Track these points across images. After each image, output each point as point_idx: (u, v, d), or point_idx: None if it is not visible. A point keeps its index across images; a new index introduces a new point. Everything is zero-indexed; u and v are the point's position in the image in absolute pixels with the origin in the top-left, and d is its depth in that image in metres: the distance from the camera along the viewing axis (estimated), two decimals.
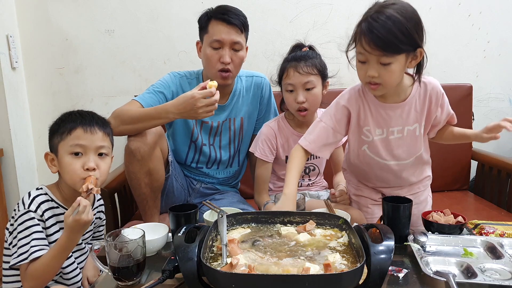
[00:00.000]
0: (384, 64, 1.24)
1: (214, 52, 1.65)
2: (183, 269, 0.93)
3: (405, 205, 1.23)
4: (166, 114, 1.54)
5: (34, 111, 2.35)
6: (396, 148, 1.44)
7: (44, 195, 1.23)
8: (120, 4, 2.27)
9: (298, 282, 0.85)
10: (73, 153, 1.20)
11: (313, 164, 1.78)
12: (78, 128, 1.21)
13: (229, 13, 1.64)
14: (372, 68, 1.27)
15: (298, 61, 1.60)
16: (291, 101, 1.62)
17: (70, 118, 1.23)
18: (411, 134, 1.43)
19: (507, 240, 1.21)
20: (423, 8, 2.17)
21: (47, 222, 1.20)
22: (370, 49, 1.23)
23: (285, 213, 1.20)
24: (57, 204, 1.24)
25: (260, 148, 1.70)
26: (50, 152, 1.25)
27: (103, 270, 1.14)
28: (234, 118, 1.82)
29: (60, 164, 1.22)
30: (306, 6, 2.27)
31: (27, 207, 1.17)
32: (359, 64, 1.32)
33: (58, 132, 1.22)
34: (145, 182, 1.61)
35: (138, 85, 2.34)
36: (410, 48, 1.24)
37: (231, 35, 1.64)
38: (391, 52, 1.22)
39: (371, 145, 1.45)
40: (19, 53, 2.25)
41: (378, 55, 1.23)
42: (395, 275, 1.06)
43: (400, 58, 1.24)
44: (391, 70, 1.25)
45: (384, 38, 1.20)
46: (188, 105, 1.49)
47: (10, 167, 2.17)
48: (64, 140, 1.20)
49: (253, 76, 1.86)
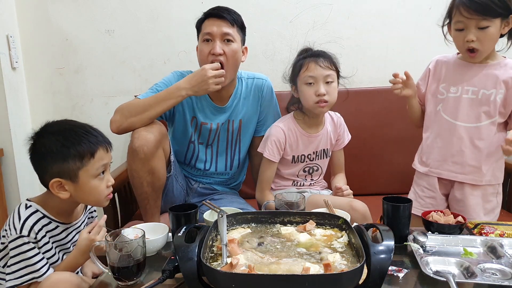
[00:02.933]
0: (482, 28, 1.40)
1: (205, 45, 1.67)
2: (183, 269, 0.93)
3: (405, 205, 1.23)
4: (179, 91, 1.59)
5: (34, 111, 2.35)
6: (466, 108, 1.53)
7: (35, 213, 1.16)
8: (120, 4, 2.27)
9: (298, 282, 0.85)
10: (99, 174, 1.16)
11: (317, 165, 1.79)
12: (100, 149, 1.16)
13: (220, 9, 1.69)
14: (471, 32, 1.42)
15: (317, 56, 1.62)
16: (310, 93, 1.61)
17: (78, 139, 1.14)
18: (486, 98, 1.51)
19: (507, 240, 1.21)
20: (423, 8, 2.17)
21: (40, 242, 1.16)
22: (469, 15, 1.39)
23: (285, 213, 1.20)
24: (50, 219, 1.19)
25: (269, 149, 1.70)
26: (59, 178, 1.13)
27: (103, 270, 1.14)
28: (233, 120, 1.82)
29: (81, 188, 1.15)
30: (306, 6, 2.26)
31: (19, 232, 1.12)
32: (456, 33, 1.47)
33: (70, 157, 1.12)
34: (147, 181, 1.61)
35: (138, 85, 2.34)
36: (505, 13, 1.40)
37: (221, 27, 1.66)
38: (490, 15, 1.39)
39: (445, 104, 1.57)
40: (19, 53, 2.25)
41: (477, 19, 1.39)
42: (395, 275, 1.06)
43: (497, 21, 1.40)
44: (489, 33, 1.41)
45: (482, 2, 1.37)
46: (199, 77, 1.57)
47: (10, 167, 2.17)
48: (87, 165, 1.13)
49: (254, 78, 1.85)
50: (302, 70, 1.63)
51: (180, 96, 1.60)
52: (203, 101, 1.78)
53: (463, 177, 1.57)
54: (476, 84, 1.52)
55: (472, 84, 1.52)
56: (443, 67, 1.61)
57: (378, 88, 2.26)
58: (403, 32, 2.27)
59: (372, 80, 2.32)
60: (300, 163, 1.75)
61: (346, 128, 1.83)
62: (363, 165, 2.16)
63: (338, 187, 1.65)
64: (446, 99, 1.58)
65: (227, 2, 2.24)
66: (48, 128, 1.18)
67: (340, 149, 1.83)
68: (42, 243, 1.17)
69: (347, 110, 1.70)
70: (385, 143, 2.16)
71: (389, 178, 2.17)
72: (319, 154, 1.76)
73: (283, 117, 1.78)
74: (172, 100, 1.60)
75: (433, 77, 1.63)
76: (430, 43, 1.50)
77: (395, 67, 2.30)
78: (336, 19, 2.27)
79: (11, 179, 2.18)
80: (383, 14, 2.26)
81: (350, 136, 1.85)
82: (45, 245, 1.18)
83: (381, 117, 2.17)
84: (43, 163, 1.14)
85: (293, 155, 1.73)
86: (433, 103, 1.62)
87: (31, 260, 1.13)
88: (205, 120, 1.79)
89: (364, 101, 2.18)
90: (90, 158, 1.14)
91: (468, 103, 1.53)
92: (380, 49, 2.30)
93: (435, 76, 1.62)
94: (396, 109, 1.84)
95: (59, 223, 1.22)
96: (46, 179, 1.16)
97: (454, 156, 1.57)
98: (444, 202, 1.66)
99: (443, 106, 1.58)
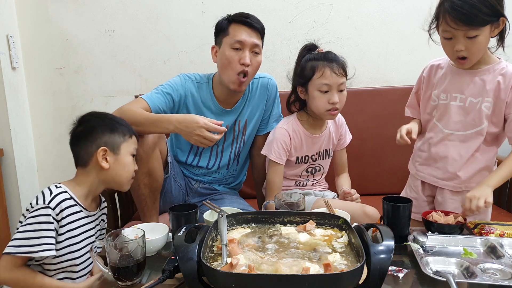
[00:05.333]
0: (471, 37, 1.34)
1: (235, 53, 1.64)
2: (183, 269, 0.93)
3: (405, 205, 1.23)
4: (167, 125, 1.53)
5: (34, 111, 2.35)
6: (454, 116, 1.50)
7: (64, 193, 1.25)
8: (120, 4, 2.27)
9: (298, 282, 0.85)
10: (132, 154, 1.35)
11: (319, 165, 1.79)
12: (134, 135, 1.38)
13: (250, 17, 1.67)
14: (459, 42, 1.36)
15: (331, 61, 1.58)
16: (324, 101, 1.59)
17: (122, 121, 1.37)
18: (472, 106, 1.47)
19: (507, 240, 1.21)
20: (423, 8, 2.17)
21: (62, 221, 1.22)
22: (456, 25, 1.32)
23: (285, 213, 1.20)
24: (75, 202, 1.27)
25: (275, 151, 1.68)
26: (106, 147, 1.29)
27: (103, 270, 1.14)
28: (239, 120, 1.82)
29: (119, 161, 1.32)
30: (306, 6, 2.27)
31: (48, 202, 1.20)
32: (444, 41, 1.41)
33: (117, 131, 1.32)
34: (144, 182, 1.61)
35: (138, 85, 2.34)
36: (494, 19, 1.33)
37: (252, 37, 1.64)
38: (477, 25, 1.31)
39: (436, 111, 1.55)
40: (19, 53, 2.25)
41: (465, 30, 1.32)
42: (395, 275, 1.06)
43: (485, 29, 1.33)
44: (478, 42, 1.35)
45: (469, 13, 1.29)
46: (189, 124, 1.49)
47: (10, 167, 2.17)
48: (127, 142, 1.34)
49: (260, 78, 1.84)
50: (316, 75, 1.58)
51: (167, 129, 1.54)
52: (211, 105, 1.77)
53: (443, 183, 1.57)
54: (464, 91, 1.49)
55: (461, 91, 1.50)
56: (436, 73, 1.58)
57: (378, 88, 2.27)
58: (403, 32, 2.27)
59: (372, 80, 2.32)
60: (304, 164, 1.75)
61: (347, 128, 1.83)
62: (363, 165, 2.16)
63: (346, 192, 1.65)
64: (437, 106, 1.56)
65: (228, 3, 2.25)
66: (91, 114, 1.37)
67: (342, 148, 1.83)
68: (65, 222, 1.23)
69: (347, 110, 1.69)
70: (385, 143, 2.16)
71: (389, 178, 2.17)
72: (321, 154, 1.76)
73: (286, 118, 1.76)
74: (160, 129, 1.55)
75: (427, 84, 1.61)
76: (430, 43, 1.49)
77: (395, 67, 2.33)
78: (336, 19, 2.27)
79: (11, 179, 2.18)
80: (383, 14, 2.26)
81: (351, 136, 1.85)
82: (68, 224, 1.24)
83: (381, 117, 2.17)
84: (92, 137, 1.30)
85: (297, 156, 1.72)
86: (426, 109, 1.61)
87: (40, 232, 1.17)
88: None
89: (364, 101, 2.18)
90: (130, 137, 1.36)
91: (456, 111, 1.51)
92: (380, 49, 2.31)
93: (429, 83, 1.60)
94: (396, 109, 1.84)
95: (83, 209, 1.30)
96: (91, 151, 1.29)
97: (437, 161, 1.57)
98: (427, 205, 1.65)
99: (436, 113, 1.57)
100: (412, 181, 1.71)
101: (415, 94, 1.69)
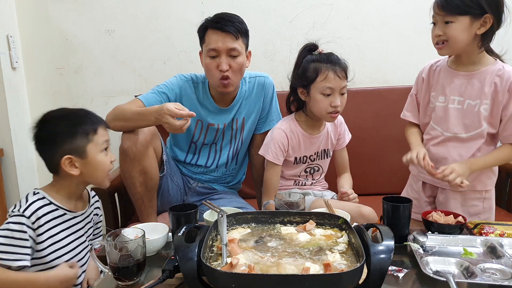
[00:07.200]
0: (447, 22, 1.40)
1: (212, 61, 1.65)
2: (183, 269, 0.93)
3: (405, 205, 1.23)
4: (149, 117, 1.53)
5: (34, 111, 2.35)
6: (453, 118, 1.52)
7: (42, 199, 1.22)
8: (120, 4, 2.27)
9: (298, 282, 0.85)
10: (103, 150, 1.27)
11: (318, 165, 1.79)
12: (100, 127, 1.27)
13: (222, 20, 1.63)
14: (438, 28, 1.43)
15: (334, 64, 1.57)
16: (326, 104, 1.58)
17: (81, 119, 1.25)
18: (471, 108, 1.49)
19: (507, 240, 1.21)
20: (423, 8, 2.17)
21: (40, 229, 1.19)
22: (437, 9, 1.42)
23: (285, 213, 1.20)
24: (56, 206, 1.24)
25: (273, 152, 1.68)
26: (70, 155, 1.21)
27: (103, 270, 1.14)
28: (237, 119, 1.83)
29: (89, 163, 1.24)
30: (306, 6, 2.27)
31: (22, 211, 1.17)
32: (432, 27, 1.48)
33: (78, 134, 1.22)
34: (139, 181, 1.62)
35: (138, 85, 2.34)
36: (475, 11, 1.36)
37: (226, 42, 1.63)
38: (453, 12, 1.38)
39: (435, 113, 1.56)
40: (19, 53, 2.25)
41: (443, 15, 1.40)
42: (395, 275, 1.06)
43: (463, 19, 1.38)
44: (453, 29, 1.40)
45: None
46: (161, 115, 1.48)
47: (10, 167, 2.17)
48: (93, 140, 1.24)
49: (256, 77, 1.86)
50: (320, 78, 1.57)
51: (150, 121, 1.54)
52: (208, 104, 1.79)
53: (445, 183, 1.54)
54: (462, 94, 1.50)
55: (459, 93, 1.50)
56: (434, 74, 1.58)
57: (378, 88, 2.27)
58: (403, 32, 2.27)
59: (372, 80, 2.32)
60: (302, 164, 1.75)
61: (346, 127, 1.83)
62: (363, 165, 2.15)
63: (343, 192, 1.65)
64: (436, 108, 1.56)
65: (228, 3, 2.25)
66: (49, 115, 1.27)
67: (342, 148, 1.83)
68: (44, 229, 1.20)
69: (347, 110, 1.69)
70: (385, 143, 2.16)
71: (389, 178, 2.17)
72: (320, 154, 1.77)
73: (284, 119, 1.77)
74: (145, 122, 1.56)
75: (427, 86, 1.61)
76: (430, 43, 1.49)
77: (395, 67, 2.33)
78: (336, 19, 2.27)
79: (11, 179, 2.18)
80: (383, 14, 2.26)
81: (350, 135, 1.85)
82: (49, 230, 1.21)
83: (381, 117, 2.17)
84: (53, 145, 1.22)
85: (295, 157, 1.72)
86: (427, 111, 1.61)
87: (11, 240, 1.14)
88: (213, 121, 1.80)
89: (364, 101, 2.18)
90: (94, 134, 1.25)
91: (455, 113, 1.51)
92: (380, 49, 2.31)
93: (428, 85, 1.60)
94: (396, 109, 1.84)
95: (67, 211, 1.26)
96: (56, 160, 1.22)
97: (437, 162, 1.56)
98: (428, 205, 1.65)
99: (433, 115, 1.57)
100: (413, 182, 1.71)
101: (414, 96, 1.68)
